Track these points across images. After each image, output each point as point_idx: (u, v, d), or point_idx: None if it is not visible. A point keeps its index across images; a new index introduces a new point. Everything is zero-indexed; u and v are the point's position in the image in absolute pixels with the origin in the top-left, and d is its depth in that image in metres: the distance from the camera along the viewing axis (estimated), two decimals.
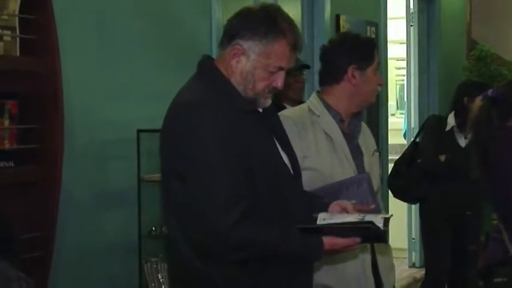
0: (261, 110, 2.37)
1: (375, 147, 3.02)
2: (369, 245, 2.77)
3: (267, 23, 2.28)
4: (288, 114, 2.82)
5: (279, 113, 2.63)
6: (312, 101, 2.90)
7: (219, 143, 2.18)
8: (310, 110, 2.87)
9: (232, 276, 2.24)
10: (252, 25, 2.28)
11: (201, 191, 2.17)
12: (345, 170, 2.79)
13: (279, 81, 2.31)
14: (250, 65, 2.28)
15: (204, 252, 2.22)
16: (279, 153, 2.37)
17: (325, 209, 2.42)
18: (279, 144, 2.40)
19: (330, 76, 2.89)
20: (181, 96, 2.32)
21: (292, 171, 2.40)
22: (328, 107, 2.86)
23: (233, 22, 2.33)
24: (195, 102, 2.24)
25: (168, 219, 2.34)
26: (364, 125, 3.00)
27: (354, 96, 2.86)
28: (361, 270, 2.81)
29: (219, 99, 2.25)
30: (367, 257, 2.82)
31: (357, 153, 2.88)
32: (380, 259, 2.88)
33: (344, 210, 2.42)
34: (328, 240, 2.26)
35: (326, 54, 2.92)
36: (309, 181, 2.60)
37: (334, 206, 2.44)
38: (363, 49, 2.86)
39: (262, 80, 2.29)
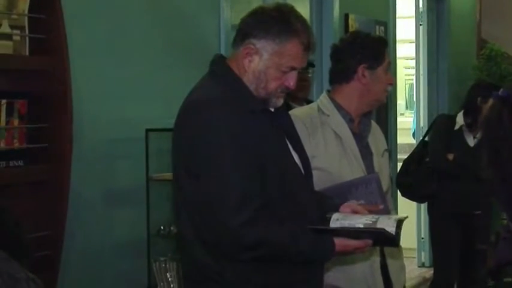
0: (272, 110, 2.37)
1: (385, 147, 3.00)
2: (378, 247, 2.76)
3: (280, 22, 2.28)
4: (297, 114, 2.81)
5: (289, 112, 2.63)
6: (322, 100, 2.89)
7: (232, 142, 2.18)
8: (319, 109, 2.86)
9: (244, 275, 2.24)
10: (266, 24, 2.28)
11: (214, 190, 2.18)
12: (354, 170, 2.78)
13: (291, 81, 2.31)
14: (263, 65, 2.28)
15: (216, 251, 2.22)
16: (290, 152, 2.37)
17: (335, 209, 2.42)
18: (290, 144, 2.40)
19: (340, 75, 2.87)
20: (194, 95, 2.32)
21: (303, 171, 2.40)
22: (338, 106, 2.85)
23: (246, 21, 2.33)
24: (207, 101, 2.24)
25: (180, 218, 2.34)
26: (374, 124, 2.99)
27: (364, 96, 2.85)
28: (369, 272, 2.80)
29: (232, 98, 2.25)
30: (376, 259, 2.81)
31: (366, 153, 2.87)
32: (390, 261, 2.87)
33: (355, 213, 2.41)
34: (339, 242, 2.27)
35: (337, 53, 2.91)
36: (318, 181, 2.59)
37: (345, 208, 2.44)
38: (373, 48, 2.85)
39: (274, 79, 2.29)
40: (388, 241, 2.34)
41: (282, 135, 2.38)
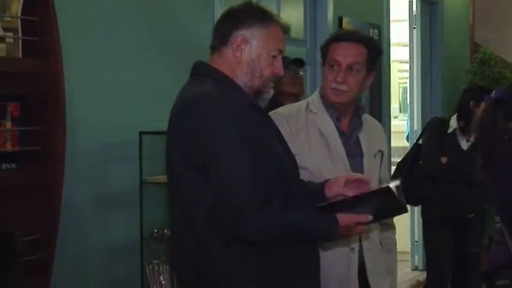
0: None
1: (381, 148, 2.94)
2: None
3: (257, 11, 2.39)
4: (282, 112, 2.82)
5: (274, 111, 2.72)
6: (313, 98, 2.89)
7: (239, 133, 2.22)
8: (308, 107, 2.85)
9: (243, 271, 2.26)
10: (247, 16, 2.37)
11: (227, 180, 2.20)
12: (337, 169, 2.73)
13: (279, 67, 2.40)
14: (254, 52, 2.36)
15: (233, 236, 2.23)
16: (285, 142, 2.43)
17: (320, 192, 2.48)
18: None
19: None
20: (189, 92, 2.33)
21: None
22: (327, 105, 2.83)
23: (225, 23, 2.40)
24: (207, 96, 2.27)
25: (177, 218, 2.35)
26: (376, 124, 2.97)
27: None
28: (346, 275, 2.75)
29: (230, 93, 2.30)
30: (355, 258, 2.78)
31: (354, 153, 2.83)
32: (366, 244, 2.80)
33: (338, 186, 2.46)
34: (341, 216, 2.31)
35: None
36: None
37: (331, 189, 2.48)
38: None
39: (267, 66, 2.37)
40: (393, 206, 2.35)
41: (275, 126, 2.45)
